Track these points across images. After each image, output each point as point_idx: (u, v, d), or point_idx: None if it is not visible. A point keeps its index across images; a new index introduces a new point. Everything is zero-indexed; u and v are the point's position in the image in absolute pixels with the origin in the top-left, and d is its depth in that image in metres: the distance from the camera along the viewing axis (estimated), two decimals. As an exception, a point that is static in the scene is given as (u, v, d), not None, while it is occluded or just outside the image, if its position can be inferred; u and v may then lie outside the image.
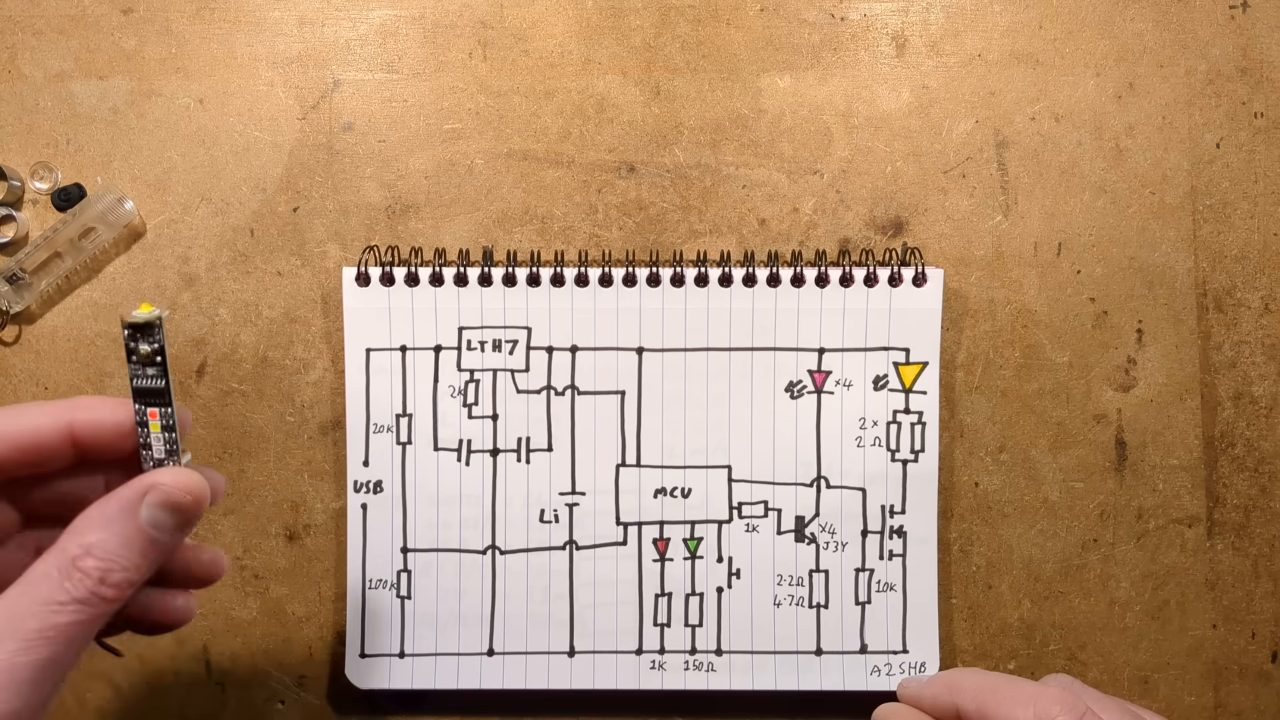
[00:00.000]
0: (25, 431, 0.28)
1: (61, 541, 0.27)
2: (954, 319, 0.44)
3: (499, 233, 0.44)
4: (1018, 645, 0.44)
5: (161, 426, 0.30)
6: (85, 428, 0.29)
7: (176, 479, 0.29)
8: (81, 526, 0.28)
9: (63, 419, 0.29)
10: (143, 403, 0.30)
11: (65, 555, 0.27)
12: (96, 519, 0.28)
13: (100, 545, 0.27)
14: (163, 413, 0.30)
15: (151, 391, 0.30)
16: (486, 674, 0.43)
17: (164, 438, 0.30)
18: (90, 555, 0.27)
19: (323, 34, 0.44)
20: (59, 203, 0.43)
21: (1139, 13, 0.44)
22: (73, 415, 0.29)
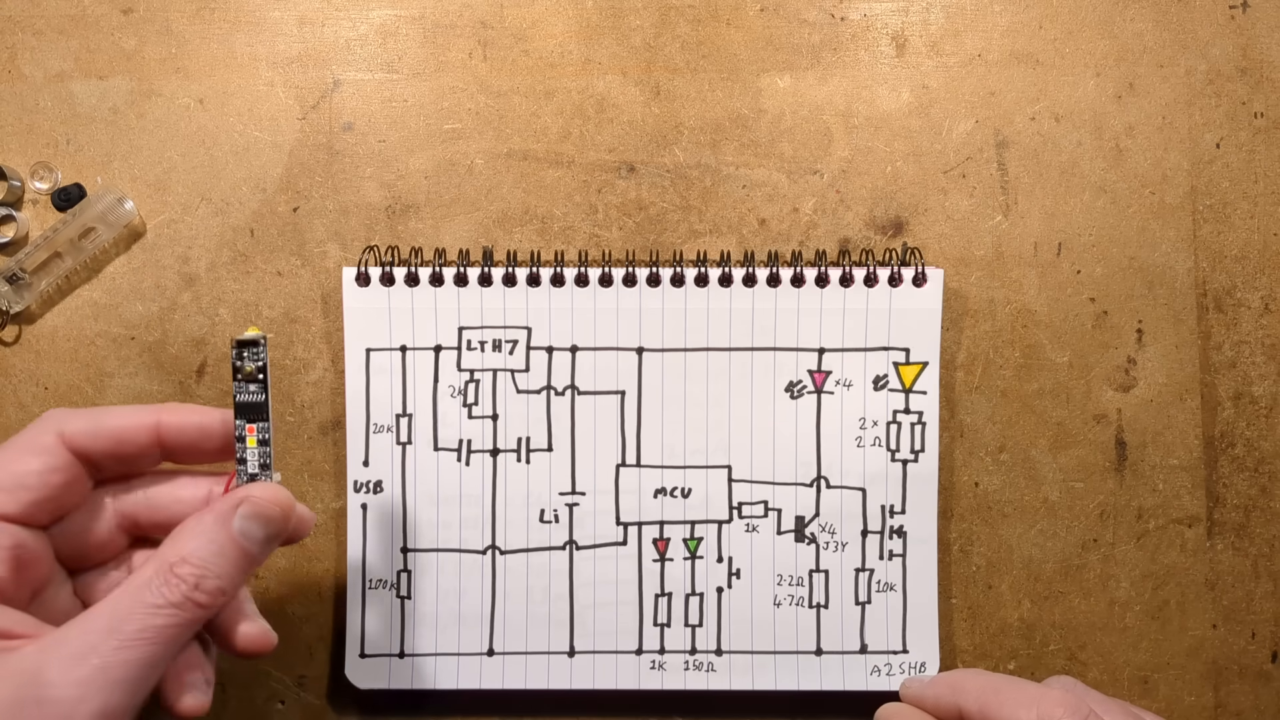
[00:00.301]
0: (116, 428, 0.31)
1: (161, 550, 0.30)
2: (954, 319, 0.44)
3: (499, 233, 0.44)
4: (1018, 645, 0.44)
5: (258, 441, 0.32)
6: (171, 429, 0.32)
7: (267, 492, 0.31)
8: (179, 536, 0.30)
9: (151, 419, 0.32)
10: (243, 418, 0.32)
11: (164, 562, 0.29)
12: (193, 529, 0.30)
13: (195, 553, 0.29)
14: (260, 428, 0.32)
15: (252, 406, 0.32)
16: (486, 674, 0.43)
17: (259, 452, 0.32)
18: (186, 562, 0.29)
19: (323, 34, 0.44)
20: (59, 203, 0.43)
21: (1139, 13, 0.44)
22: (159, 416, 0.32)
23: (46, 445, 0.30)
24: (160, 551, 0.30)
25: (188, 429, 0.32)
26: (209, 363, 0.44)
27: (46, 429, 0.31)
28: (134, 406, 0.32)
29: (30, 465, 0.30)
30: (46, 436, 0.30)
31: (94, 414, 0.31)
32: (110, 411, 0.32)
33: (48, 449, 0.30)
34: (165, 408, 0.32)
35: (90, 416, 0.31)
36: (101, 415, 0.32)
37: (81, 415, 0.31)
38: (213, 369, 0.44)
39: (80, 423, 0.31)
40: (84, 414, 0.31)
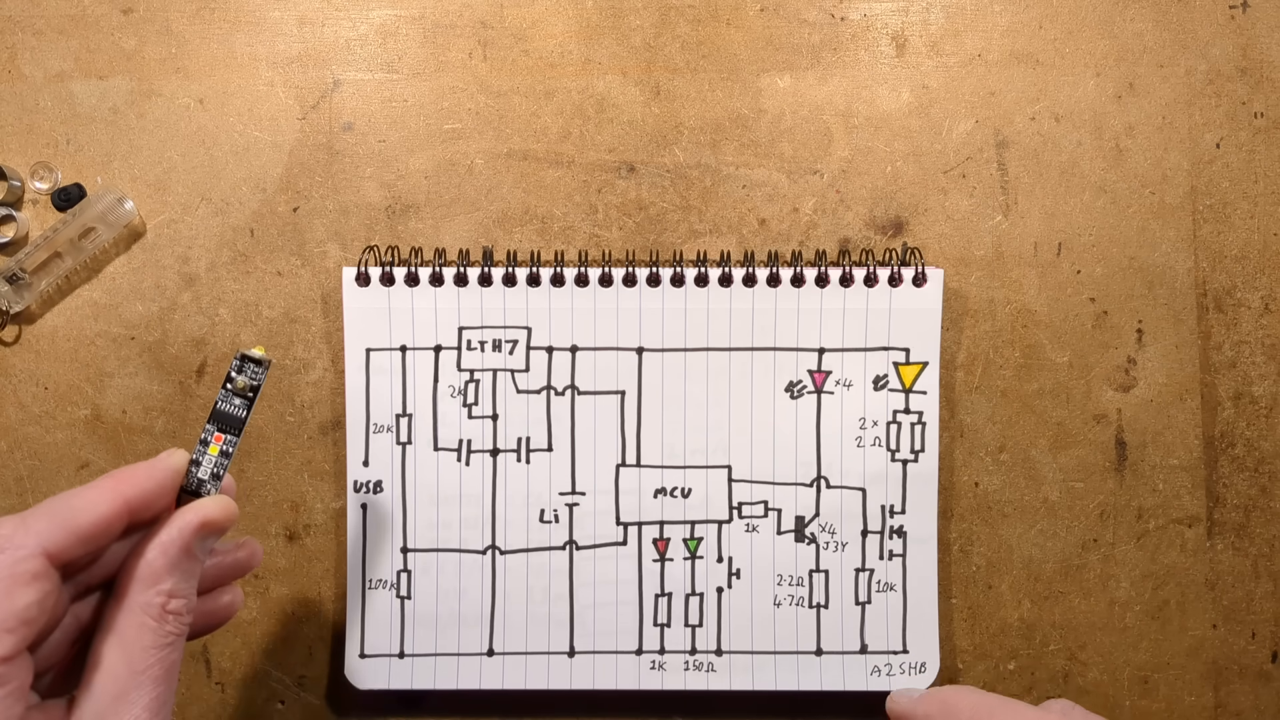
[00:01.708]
0: (89, 524, 0.29)
1: (139, 595, 0.30)
2: (954, 319, 0.44)
3: (499, 233, 0.44)
4: (1018, 645, 0.44)
5: (220, 451, 0.32)
6: (137, 503, 0.30)
7: (223, 510, 0.31)
8: (152, 573, 0.30)
9: (118, 503, 0.30)
10: (216, 424, 0.32)
11: (154, 605, 0.29)
12: (163, 565, 0.30)
13: (177, 587, 0.30)
14: (228, 440, 0.32)
15: (229, 419, 0.32)
16: (486, 674, 0.43)
17: (216, 461, 0.32)
18: (174, 597, 0.30)
19: (323, 34, 0.44)
20: (59, 203, 0.43)
21: (1139, 13, 0.44)
22: (124, 495, 0.30)
23: (37, 571, 0.28)
24: (139, 595, 0.29)
25: (149, 495, 0.31)
26: (209, 363, 0.44)
27: (28, 551, 0.28)
28: (91, 492, 0.30)
29: (28, 597, 0.27)
30: (33, 562, 0.28)
31: (61, 517, 0.29)
32: (75, 508, 0.29)
33: (39, 574, 0.28)
34: (122, 482, 0.30)
35: (60, 521, 0.29)
36: (70, 515, 0.29)
37: (49, 523, 0.28)
38: (212, 369, 0.44)
39: (57, 533, 0.28)
40: (50, 521, 0.29)
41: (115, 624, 0.29)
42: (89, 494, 0.30)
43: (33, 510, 0.29)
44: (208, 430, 0.32)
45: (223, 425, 0.32)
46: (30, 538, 0.28)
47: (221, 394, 0.33)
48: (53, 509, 0.29)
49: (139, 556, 0.30)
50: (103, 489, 0.30)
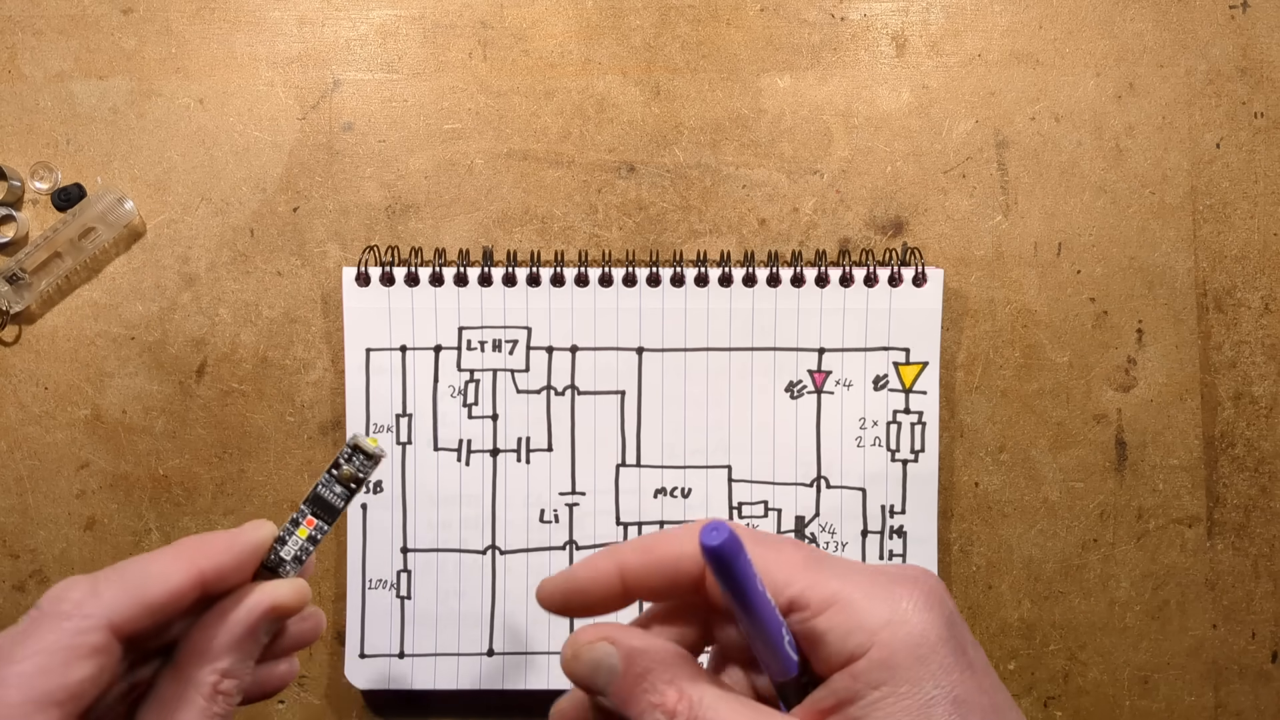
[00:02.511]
0: (161, 596, 0.28)
1: (194, 670, 0.28)
2: (954, 319, 0.44)
3: (499, 233, 0.44)
4: (1018, 645, 0.44)
5: (308, 536, 0.31)
6: (212, 576, 0.29)
7: (298, 596, 0.30)
8: (211, 650, 0.28)
9: (193, 575, 0.28)
10: (310, 508, 0.31)
11: (205, 684, 0.28)
12: (224, 644, 0.28)
13: (232, 668, 0.29)
14: (319, 526, 0.31)
15: (326, 506, 0.31)
16: (486, 674, 0.43)
17: (301, 544, 0.31)
18: (226, 678, 0.28)
19: (323, 34, 0.44)
20: (59, 203, 0.43)
21: (1139, 13, 0.44)
22: (198, 567, 0.28)
23: (98, 645, 0.26)
24: (194, 672, 0.28)
25: (226, 570, 0.29)
26: (209, 363, 0.44)
27: (93, 622, 0.26)
28: (166, 560, 0.28)
29: (84, 671, 0.26)
30: (96, 635, 0.26)
31: (133, 586, 0.27)
32: (148, 577, 0.27)
33: (100, 649, 0.26)
34: (199, 554, 0.28)
35: (131, 591, 0.27)
36: (142, 585, 0.27)
37: (119, 592, 0.27)
38: (213, 369, 0.44)
39: (126, 604, 0.27)
40: (121, 590, 0.27)
41: (163, 694, 0.28)
42: (163, 563, 0.28)
43: (105, 574, 0.27)
44: (301, 511, 0.31)
45: (318, 510, 0.31)
46: (99, 607, 0.26)
47: (325, 478, 0.31)
48: (125, 576, 0.27)
49: (202, 629, 0.29)
50: (178, 559, 0.28)
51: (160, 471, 0.44)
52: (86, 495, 0.44)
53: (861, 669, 0.25)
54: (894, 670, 0.24)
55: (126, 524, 0.44)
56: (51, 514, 0.44)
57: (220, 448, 0.44)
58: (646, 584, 0.28)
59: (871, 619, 0.25)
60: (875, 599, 0.25)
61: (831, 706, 0.25)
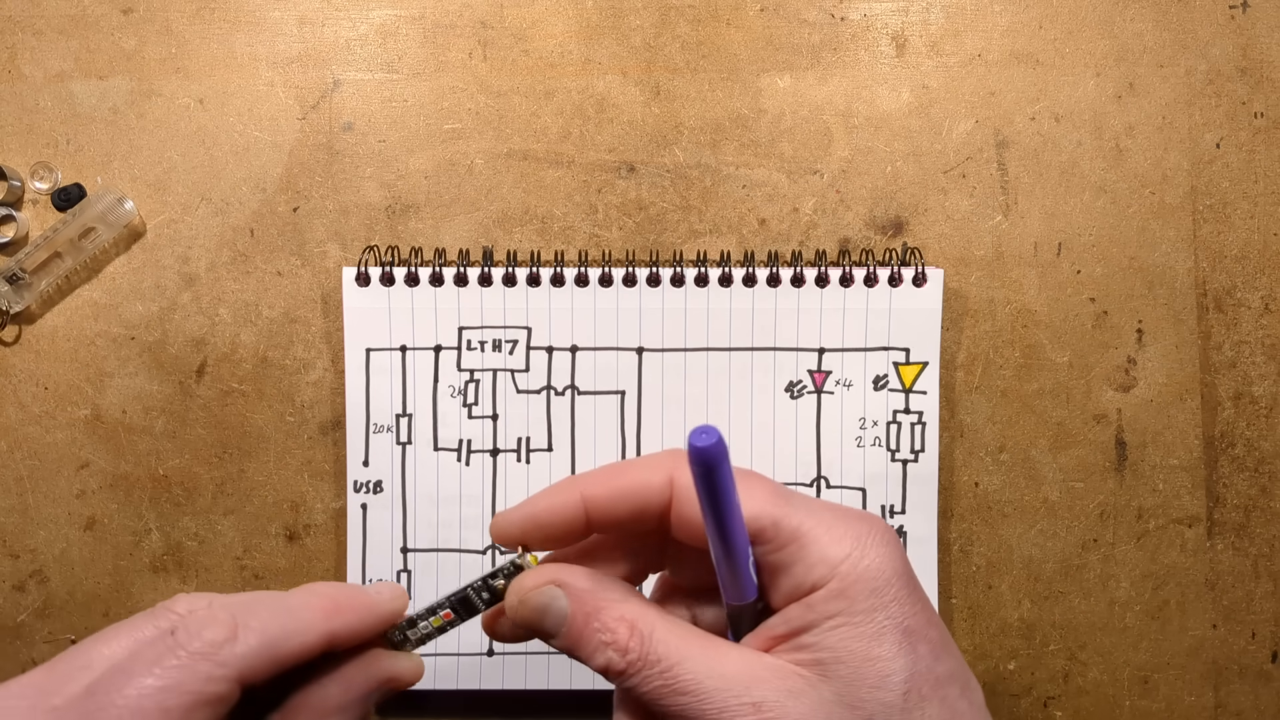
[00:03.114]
0: (292, 653, 0.27)
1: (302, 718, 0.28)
2: (954, 319, 0.44)
3: (499, 233, 0.44)
4: (1018, 645, 0.44)
5: (439, 627, 0.31)
6: (344, 639, 0.29)
7: (414, 675, 0.30)
8: (324, 709, 0.28)
9: (327, 634, 0.28)
10: (451, 604, 0.31)
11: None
12: (336, 704, 0.28)
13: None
14: (451, 622, 0.31)
15: (469, 607, 0.31)
16: (486, 674, 0.43)
17: (430, 632, 0.31)
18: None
19: (323, 34, 0.44)
20: (59, 203, 0.43)
21: (1139, 13, 0.44)
22: (336, 629, 0.28)
23: (224, 695, 0.25)
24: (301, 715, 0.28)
25: (357, 634, 0.29)
26: (209, 363, 0.44)
27: (226, 672, 0.25)
28: (304, 616, 0.27)
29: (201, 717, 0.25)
30: (226, 685, 0.25)
31: (271, 641, 0.26)
32: (285, 633, 0.27)
33: (224, 700, 0.25)
34: (335, 610, 0.28)
35: (268, 645, 0.26)
36: (280, 640, 0.26)
37: (258, 645, 0.26)
38: (213, 369, 0.44)
39: (260, 659, 0.26)
40: (260, 643, 0.26)
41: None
42: (301, 619, 0.27)
43: (246, 615, 0.26)
44: (442, 603, 0.31)
45: (458, 608, 0.31)
46: (235, 659, 0.26)
47: (478, 583, 0.31)
48: (266, 627, 0.26)
49: (321, 689, 0.28)
50: (315, 615, 0.28)
51: (160, 471, 0.44)
52: (86, 495, 0.44)
53: (818, 599, 0.26)
54: (850, 600, 0.25)
55: (126, 524, 0.44)
56: (51, 514, 0.44)
57: (220, 448, 0.44)
58: (611, 515, 0.28)
59: (833, 553, 0.26)
60: (837, 534, 0.26)
61: (784, 634, 0.26)
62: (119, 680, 0.25)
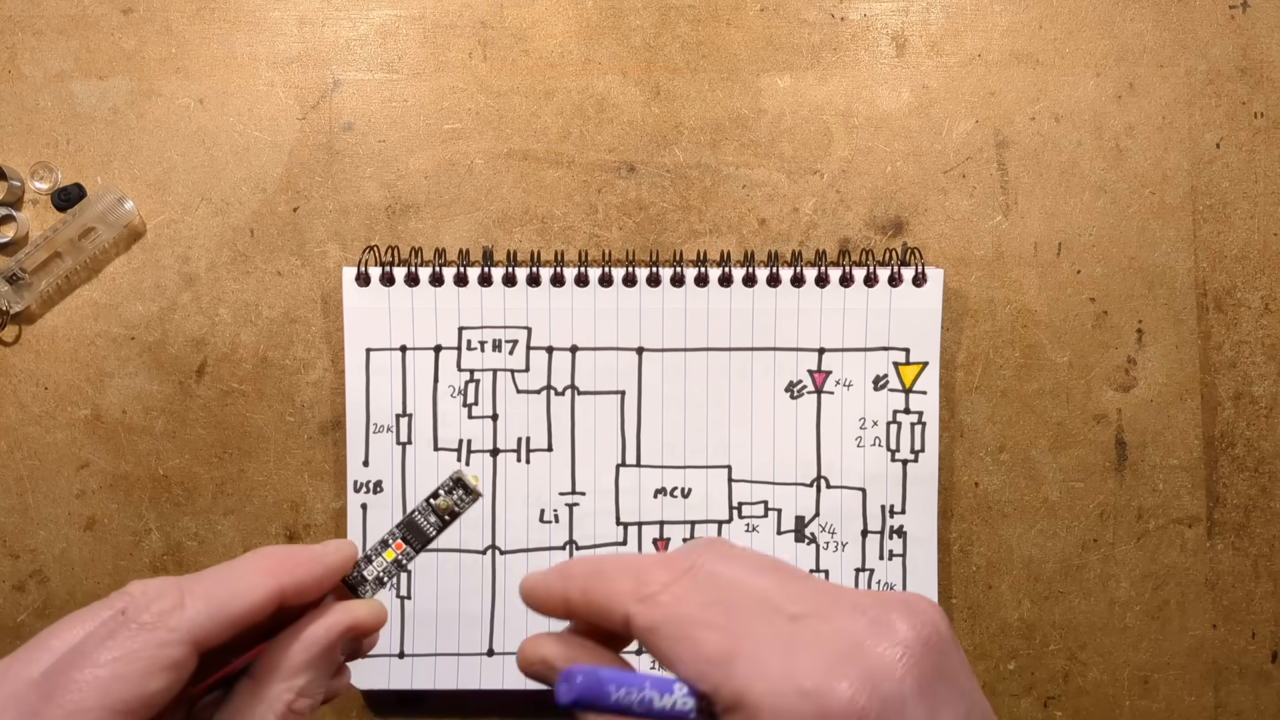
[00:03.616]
0: (242, 612, 0.27)
1: (271, 687, 0.28)
2: (954, 319, 0.44)
3: (499, 233, 0.44)
4: (1018, 645, 0.44)
5: (394, 560, 0.31)
6: (291, 595, 0.29)
7: (375, 617, 0.30)
8: (289, 668, 0.29)
9: (273, 591, 0.28)
10: (401, 532, 0.31)
11: (280, 701, 0.28)
12: (302, 661, 0.29)
13: (308, 686, 0.29)
14: (406, 552, 0.31)
15: (418, 532, 0.31)
16: (486, 674, 0.43)
17: (385, 567, 0.31)
18: (302, 696, 0.28)
19: (323, 34, 0.44)
20: (59, 203, 0.43)
21: (1139, 13, 0.44)
22: (279, 583, 0.28)
23: (178, 659, 0.26)
24: (270, 690, 0.28)
25: (306, 587, 0.29)
26: (209, 363, 0.44)
27: (177, 637, 0.26)
28: (249, 574, 0.28)
29: (160, 683, 0.25)
30: (178, 649, 0.26)
31: (218, 603, 0.27)
32: (232, 593, 0.27)
33: (179, 663, 0.26)
34: (281, 571, 0.28)
35: (216, 607, 0.27)
36: (226, 601, 0.27)
37: (204, 606, 0.27)
38: (213, 369, 0.44)
39: (209, 621, 0.27)
40: (206, 604, 0.27)
41: (239, 708, 0.28)
42: (247, 578, 0.28)
43: (190, 584, 0.27)
44: (391, 534, 0.31)
45: (409, 535, 0.31)
46: (184, 621, 0.26)
47: (421, 506, 0.31)
48: (212, 590, 0.27)
49: (282, 648, 0.29)
50: (260, 575, 0.28)
51: (160, 471, 0.44)
52: (86, 495, 0.44)
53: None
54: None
55: (126, 524, 0.44)
56: (51, 514, 0.44)
57: (220, 448, 0.44)
58: (584, 619, 0.28)
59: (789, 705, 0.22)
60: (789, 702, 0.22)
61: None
62: (76, 660, 0.25)
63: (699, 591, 0.25)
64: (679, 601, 0.25)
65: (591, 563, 0.28)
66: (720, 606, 0.24)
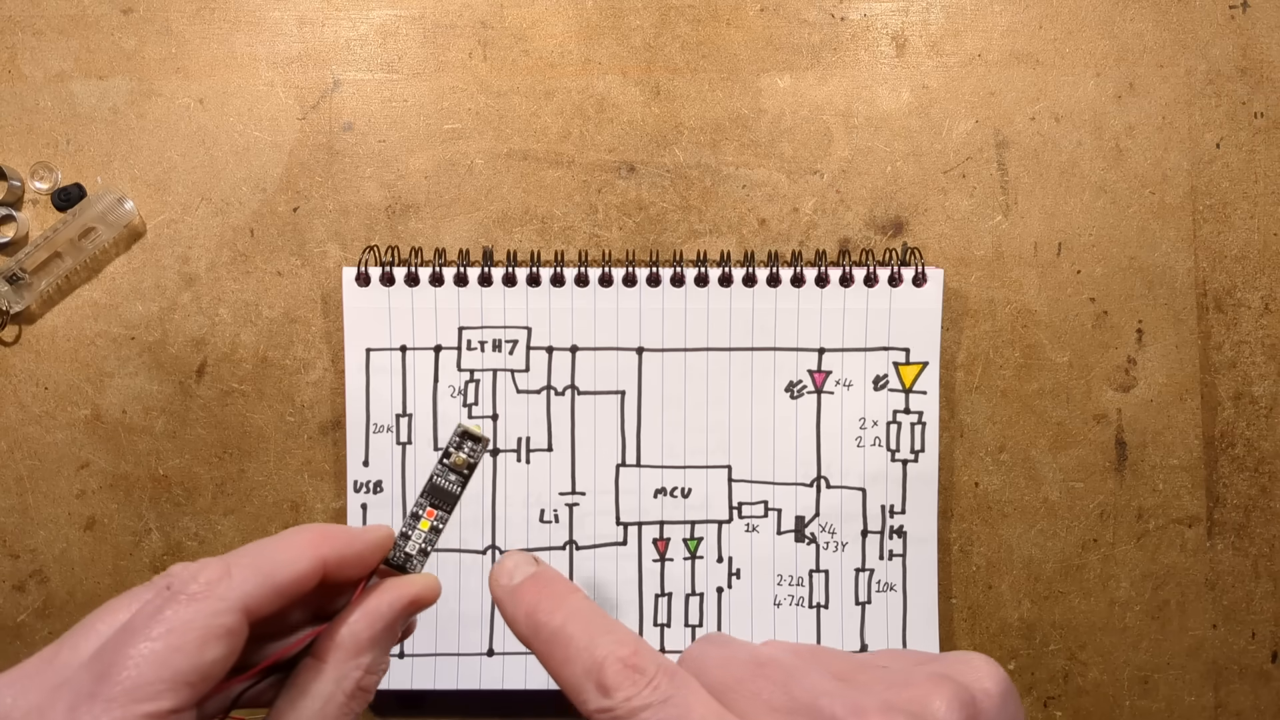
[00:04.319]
0: (288, 581, 0.28)
1: (340, 661, 0.29)
2: (954, 319, 0.44)
3: (499, 233, 0.44)
4: (1018, 645, 0.44)
5: (431, 527, 0.31)
6: (333, 567, 0.29)
7: (432, 590, 0.31)
8: (357, 645, 0.29)
9: (316, 562, 0.28)
10: (429, 499, 0.31)
11: (350, 679, 0.28)
12: (368, 638, 0.29)
13: (374, 663, 0.29)
14: (439, 516, 0.31)
15: (444, 495, 0.31)
16: (486, 674, 0.43)
17: (425, 537, 0.31)
18: (369, 673, 0.29)
19: (323, 34, 0.44)
20: (59, 203, 0.43)
21: (1139, 13, 0.44)
22: (321, 553, 0.29)
23: (232, 627, 0.26)
24: (341, 667, 0.29)
25: (347, 560, 0.30)
26: (209, 363, 0.44)
27: (228, 604, 0.26)
28: (292, 545, 0.28)
29: (216, 652, 0.25)
30: (231, 617, 0.26)
31: (264, 571, 0.27)
32: (275, 562, 0.28)
33: (233, 630, 0.26)
34: (322, 542, 0.29)
35: (263, 575, 0.27)
36: (272, 570, 0.27)
37: (251, 575, 0.27)
38: (213, 369, 0.44)
39: (258, 588, 0.27)
40: (253, 573, 0.27)
41: (306, 688, 0.28)
42: (289, 549, 0.28)
43: (235, 557, 0.27)
44: (419, 504, 0.31)
45: (436, 501, 0.31)
46: (232, 590, 0.26)
47: (438, 468, 0.32)
48: (257, 561, 0.27)
49: (343, 624, 0.29)
50: (302, 546, 0.28)
51: (160, 471, 0.44)
52: (86, 495, 0.44)
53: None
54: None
55: (126, 524, 0.44)
56: (51, 514, 0.44)
57: (220, 448, 0.44)
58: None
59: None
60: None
61: None
62: (128, 637, 0.25)
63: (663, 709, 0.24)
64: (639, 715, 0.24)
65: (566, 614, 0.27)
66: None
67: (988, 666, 0.24)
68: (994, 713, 0.23)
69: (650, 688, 0.24)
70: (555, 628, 0.27)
